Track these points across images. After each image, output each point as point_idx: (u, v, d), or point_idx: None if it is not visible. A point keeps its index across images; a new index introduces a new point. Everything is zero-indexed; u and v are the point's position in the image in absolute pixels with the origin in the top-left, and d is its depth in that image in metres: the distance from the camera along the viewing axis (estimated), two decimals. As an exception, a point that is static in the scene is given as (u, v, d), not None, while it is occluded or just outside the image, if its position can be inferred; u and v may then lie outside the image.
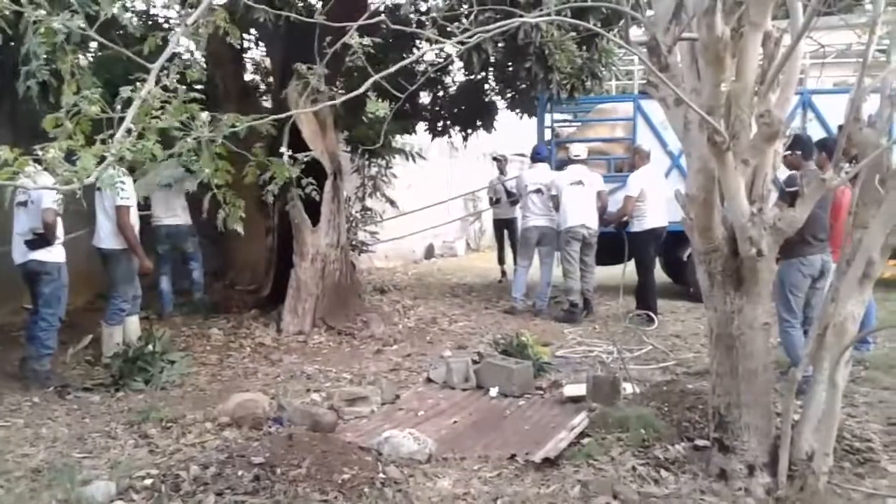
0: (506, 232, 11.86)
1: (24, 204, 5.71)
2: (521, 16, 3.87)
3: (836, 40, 6.43)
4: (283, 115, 3.60)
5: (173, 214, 8.26)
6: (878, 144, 3.64)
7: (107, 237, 6.35)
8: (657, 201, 8.48)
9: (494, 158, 12.51)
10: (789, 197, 4.67)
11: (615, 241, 8.56)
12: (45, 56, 3.40)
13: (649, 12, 5.25)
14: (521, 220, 9.32)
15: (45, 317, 5.78)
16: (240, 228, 3.75)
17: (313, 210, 7.65)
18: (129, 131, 2.74)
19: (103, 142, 2.73)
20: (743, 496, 3.55)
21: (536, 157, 9.39)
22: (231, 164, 3.43)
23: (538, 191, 8.92)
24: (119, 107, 2.89)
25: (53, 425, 4.92)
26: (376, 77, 3.33)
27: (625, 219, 8.55)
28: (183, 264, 8.46)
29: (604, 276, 9.54)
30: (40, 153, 2.68)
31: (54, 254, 5.80)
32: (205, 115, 3.09)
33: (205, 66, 8.30)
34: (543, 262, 9.07)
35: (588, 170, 8.94)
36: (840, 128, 3.86)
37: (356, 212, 10.58)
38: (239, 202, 3.69)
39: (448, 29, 4.58)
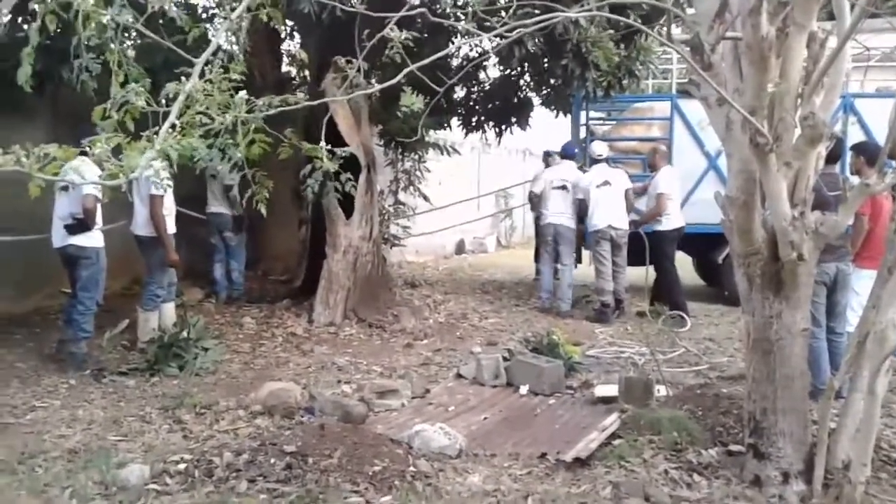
0: None
1: (66, 189, 5.79)
2: (561, 11, 3.84)
3: (881, 43, 6.30)
4: (319, 101, 3.63)
5: (217, 202, 8.54)
6: (923, 149, 3.58)
7: (143, 224, 6.44)
8: (677, 201, 8.66)
9: (547, 153, 12.47)
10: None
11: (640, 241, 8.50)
12: (94, 47, 3.45)
13: (690, 10, 5.20)
14: (540, 217, 9.26)
15: (83, 300, 5.87)
16: (264, 210, 3.79)
17: (347, 203, 7.68)
18: (173, 127, 2.77)
19: (148, 139, 2.76)
20: (777, 503, 3.51)
21: (566, 154, 9.36)
22: (267, 143, 3.47)
23: (563, 187, 8.91)
24: (164, 101, 2.92)
25: (89, 408, 5.01)
26: (412, 67, 3.33)
27: (659, 217, 8.52)
28: (227, 257, 8.66)
29: (634, 276, 9.47)
30: (87, 147, 2.72)
31: (93, 238, 5.89)
32: (242, 94, 3.11)
33: (241, 57, 8.36)
34: (563, 263, 8.97)
35: (611, 168, 8.92)
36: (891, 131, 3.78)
37: (389, 205, 10.59)
38: (267, 182, 3.73)
39: (486, 24, 4.58)
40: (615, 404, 5.02)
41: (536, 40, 7.10)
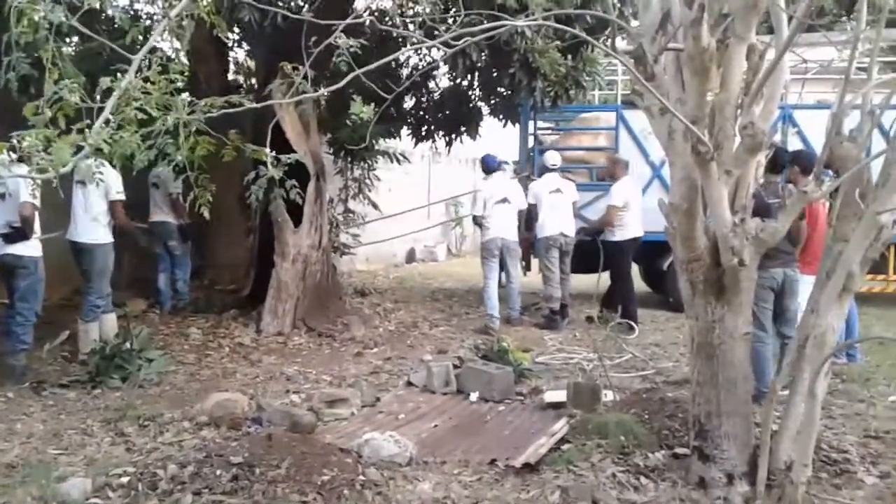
0: None
1: (2, 197, 5.63)
2: (507, 20, 3.88)
3: (818, 56, 6.50)
4: (263, 104, 3.61)
5: (160, 211, 8.35)
6: (858, 159, 3.70)
7: (84, 231, 6.30)
8: (636, 211, 8.53)
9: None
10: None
11: (590, 249, 8.56)
12: (26, 45, 3.36)
13: (634, 22, 5.31)
14: (482, 232, 8.89)
15: (22, 311, 5.71)
16: (207, 214, 3.74)
17: (296, 211, 7.62)
18: (107, 122, 2.71)
19: (80, 131, 2.70)
20: (721, 504, 3.57)
21: (489, 167, 8.97)
22: (211, 145, 3.43)
23: (504, 200, 8.62)
24: (99, 97, 2.86)
25: (29, 421, 4.87)
26: (358, 71, 3.33)
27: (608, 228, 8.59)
28: (172, 267, 8.47)
29: (583, 284, 9.58)
30: (16, 141, 2.65)
31: (31, 248, 5.73)
32: (184, 96, 3.07)
33: (187, 62, 8.26)
34: (512, 274, 8.87)
35: (562, 178, 8.96)
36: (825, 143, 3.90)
37: (339, 213, 10.54)
38: (210, 186, 3.68)
39: (435, 33, 4.61)
40: (564, 409, 5.07)
41: (483, 51, 7.16)
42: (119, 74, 2.82)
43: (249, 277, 9.01)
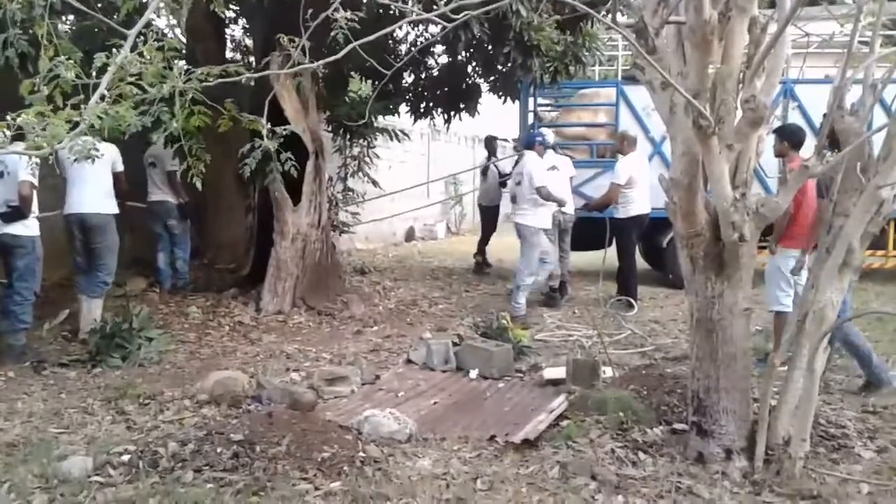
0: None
1: (0, 176, 5.62)
2: (506, -4, 3.84)
3: (820, 30, 6.45)
4: (260, 74, 3.58)
5: (159, 191, 8.32)
6: (859, 133, 3.68)
7: (96, 204, 6.34)
8: (643, 188, 8.38)
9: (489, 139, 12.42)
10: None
11: (596, 226, 8.54)
12: (21, 22, 3.33)
13: (636, -4, 5.24)
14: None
15: (20, 291, 5.70)
16: (199, 184, 3.72)
17: (295, 189, 7.60)
18: (102, 98, 2.68)
19: (75, 107, 2.67)
20: (720, 479, 3.58)
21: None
22: (206, 115, 3.41)
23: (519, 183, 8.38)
24: (94, 73, 2.83)
25: (29, 400, 4.87)
26: (355, 44, 3.30)
27: (610, 205, 8.56)
28: (171, 246, 8.45)
29: (584, 261, 9.58)
30: (11, 119, 2.62)
31: (29, 227, 5.72)
32: (181, 63, 3.05)
33: (185, 40, 8.20)
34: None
35: (557, 155, 8.89)
36: (824, 116, 3.88)
37: (338, 192, 10.51)
38: (204, 156, 3.67)
39: (434, 7, 4.55)
40: (563, 386, 5.08)
41: (483, 25, 7.08)
42: (115, 50, 2.78)
43: (249, 256, 9.01)
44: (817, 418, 4.02)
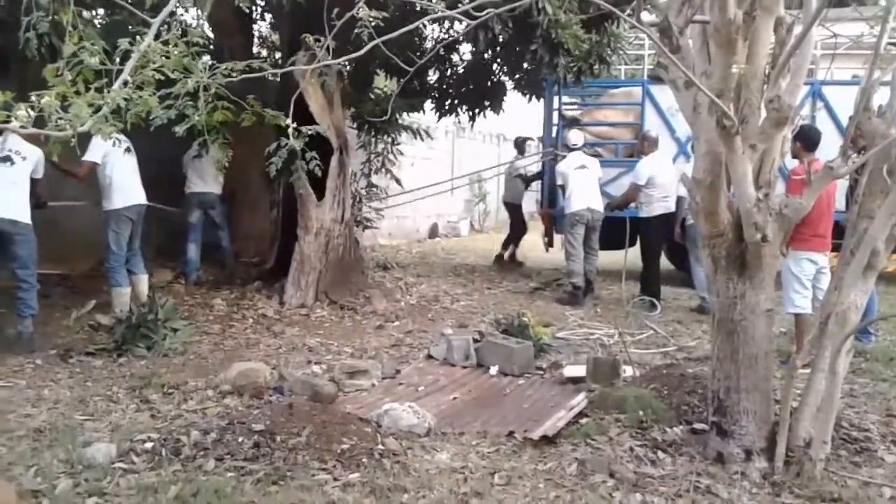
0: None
1: (10, 161, 5.67)
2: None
3: (848, 31, 6.39)
4: (284, 70, 3.61)
5: (204, 183, 8.53)
6: (886, 135, 3.64)
7: (141, 195, 6.75)
8: (666, 188, 8.38)
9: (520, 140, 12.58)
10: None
11: (623, 226, 8.52)
12: (46, 7, 3.36)
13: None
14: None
15: (26, 278, 5.75)
16: (223, 159, 3.77)
17: (319, 185, 7.65)
18: (125, 83, 2.71)
19: (98, 90, 2.70)
20: (739, 480, 3.57)
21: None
22: (230, 111, 3.45)
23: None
24: (118, 59, 2.86)
25: (55, 387, 4.96)
26: (378, 41, 3.32)
27: (632, 205, 8.54)
28: (212, 227, 8.72)
29: (608, 260, 9.54)
30: (35, 100, 2.65)
31: (27, 214, 5.78)
32: (206, 58, 3.08)
33: (211, 34, 8.29)
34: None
35: (587, 155, 8.90)
36: (850, 118, 3.84)
37: (361, 188, 10.56)
38: (227, 151, 3.72)
39: (459, 5, 4.57)
40: (583, 384, 5.08)
41: (507, 23, 7.08)
42: (138, 37, 2.82)
43: (273, 250, 9.08)
44: (839, 421, 3.99)
